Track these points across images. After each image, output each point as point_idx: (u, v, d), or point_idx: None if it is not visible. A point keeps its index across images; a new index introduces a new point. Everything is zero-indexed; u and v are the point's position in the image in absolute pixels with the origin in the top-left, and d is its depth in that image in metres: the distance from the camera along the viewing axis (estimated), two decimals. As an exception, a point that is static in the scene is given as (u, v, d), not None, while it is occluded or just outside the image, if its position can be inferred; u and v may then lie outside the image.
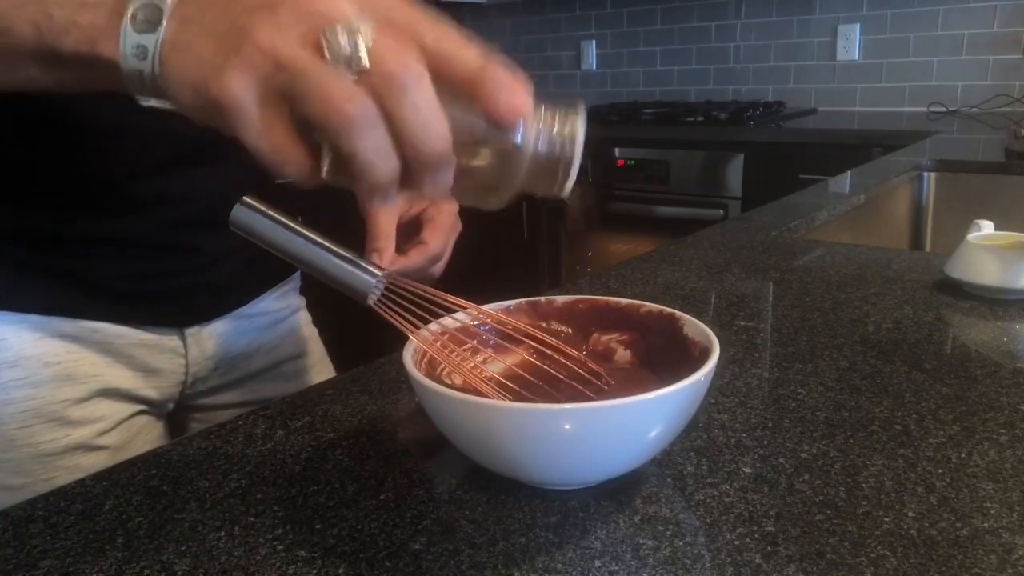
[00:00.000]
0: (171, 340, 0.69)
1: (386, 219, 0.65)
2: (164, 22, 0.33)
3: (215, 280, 0.70)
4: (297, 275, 0.84)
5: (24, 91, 0.40)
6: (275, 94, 0.31)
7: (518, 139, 0.34)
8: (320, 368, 0.85)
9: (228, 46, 0.31)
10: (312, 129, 0.32)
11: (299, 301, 0.84)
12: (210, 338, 0.72)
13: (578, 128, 0.36)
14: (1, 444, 0.61)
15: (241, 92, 0.31)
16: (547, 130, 0.35)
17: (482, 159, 0.35)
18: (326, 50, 0.31)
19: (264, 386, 0.78)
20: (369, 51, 0.30)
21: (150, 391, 0.69)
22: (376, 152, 0.32)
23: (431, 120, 0.31)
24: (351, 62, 0.30)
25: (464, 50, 0.32)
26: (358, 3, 0.32)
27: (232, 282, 0.72)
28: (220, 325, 0.73)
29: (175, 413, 0.76)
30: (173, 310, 0.69)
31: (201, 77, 0.32)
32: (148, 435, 0.70)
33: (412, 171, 0.33)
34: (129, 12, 0.34)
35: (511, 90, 0.32)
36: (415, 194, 0.36)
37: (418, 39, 0.32)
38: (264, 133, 0.32)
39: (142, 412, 0.70)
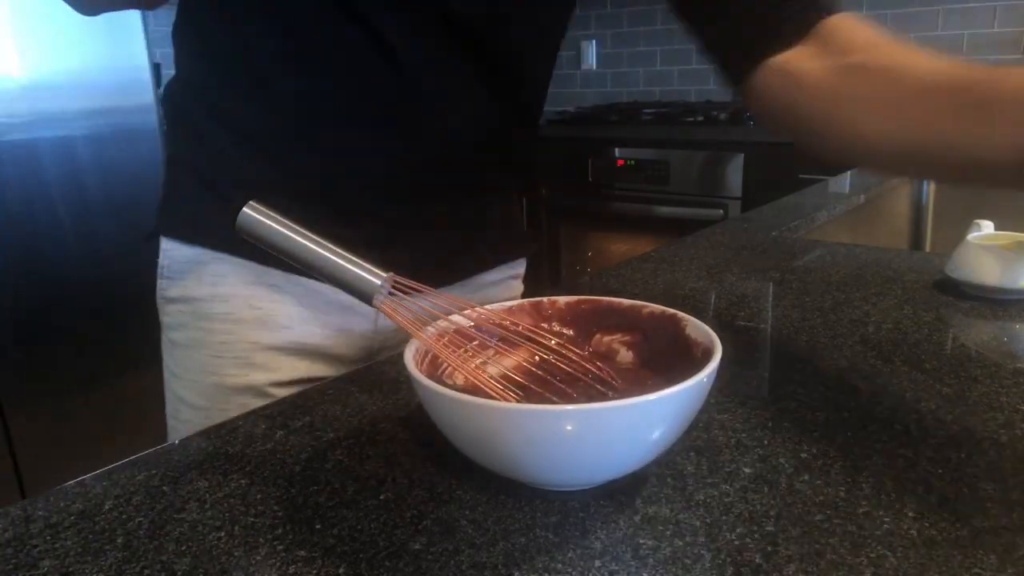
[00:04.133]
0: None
1: None
2: None
3: (440, 253, 0.70)
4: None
5: None
6: None
7: None
8: None
9: None
10: None
11: (522, 269, 0.84)
12: None
13: None
14: (196, 366, 0.67)
15: None
16: None
17: None
18: None
19: None
20: None
21: (342, 349, 0.71)
22: None
23: None
24: None
25: None
26: None
27: (452, 256, 0.72)
28: None
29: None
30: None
31: None
32: None
33: None
34: None
35: None
36: None
37: None
38: None
39: (318, 378, 0.70)
